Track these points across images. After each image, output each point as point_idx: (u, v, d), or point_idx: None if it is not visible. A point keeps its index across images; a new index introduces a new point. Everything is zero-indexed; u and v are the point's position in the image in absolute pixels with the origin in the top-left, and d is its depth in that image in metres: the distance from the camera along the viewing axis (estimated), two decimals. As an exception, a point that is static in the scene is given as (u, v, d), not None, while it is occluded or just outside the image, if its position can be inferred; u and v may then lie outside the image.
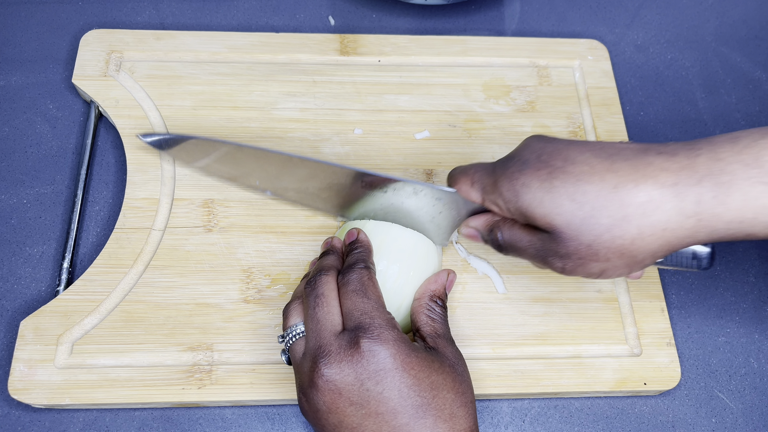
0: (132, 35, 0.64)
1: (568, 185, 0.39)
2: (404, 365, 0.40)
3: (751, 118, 0.68)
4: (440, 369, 0.42)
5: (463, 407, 0.41)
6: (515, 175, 0.41)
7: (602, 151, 0.40)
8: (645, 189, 0.37)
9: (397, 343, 0.41)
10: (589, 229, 0.38)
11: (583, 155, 0.40)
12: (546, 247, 0.41)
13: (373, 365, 0.40)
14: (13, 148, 0.60)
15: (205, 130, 0.60)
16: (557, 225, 0.39)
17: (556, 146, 0.41)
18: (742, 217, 0.37)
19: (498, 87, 0.65)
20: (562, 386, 0.52)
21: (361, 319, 0.42)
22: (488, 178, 0.44)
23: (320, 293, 0.44)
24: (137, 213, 0.56)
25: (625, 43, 0.72)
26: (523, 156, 0.42)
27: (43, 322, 0.51)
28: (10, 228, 0.57)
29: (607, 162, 0.39)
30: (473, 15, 0.72)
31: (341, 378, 0.40)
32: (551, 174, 0.39)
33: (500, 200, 0.43)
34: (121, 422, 0.50)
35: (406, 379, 0.40)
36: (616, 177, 0.38)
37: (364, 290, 0.43)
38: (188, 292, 0.53)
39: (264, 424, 0.51)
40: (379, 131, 0.62)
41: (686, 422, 0.53)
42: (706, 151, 0.38)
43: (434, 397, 0.40)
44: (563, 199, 0.39)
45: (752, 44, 0.73)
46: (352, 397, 0.40)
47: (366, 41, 0.66)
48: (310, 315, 0.43)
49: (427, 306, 0.47)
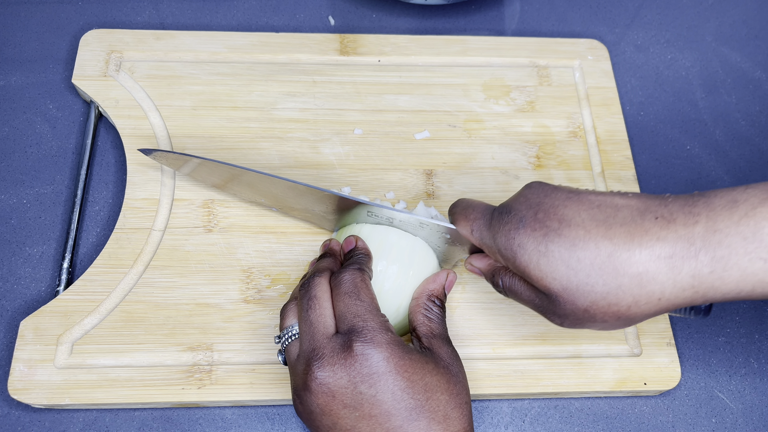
0: (132, 35, 0.64)
1: (564, 250, 0.38)
2: (397, 368, 0.40)
3: (751, 118, 0.68)
4: (434, 370, 0.42)
5: (458, 408, 0.41)
6: (512, 233, 0.40)
7: (599, 211, 0.39)
8: (640, 260, 0.37)
9: (390, 346, 0.41)
10: (584, 295, 0.38)
11: (580, 216, 0.39)
12: (544, 304, 0.41)
13: (366, 368, 0.40)
14: (13, 148, 0.60)
15: (205, 130, 0.60)
16: (553, 289, 0.39)
17: (553, 202, 0.40)
18: (740, 289, 0.36)
19: (498, 87, 0.65)
20: (562, 386, 0.52)
21: (354, 322, 0.42)
22: (486, 230, 0.43)
23: (313, 295, 0.44)
24: (137, 213, 0.56)
25: (625, 43, 0.72)
26: (520, 211, 0.41)
27: (43, 322, 0.51)
28: (10, 228, 0.57)
29: (603, 227, 0.38)
30: (473, 15, 0.72)
31: (334, 381, 0.40)
32: (546, 236, 0.39)
33: (498, 255, 0.43)
34: (121, 422, 0.50)
35: (400, 382, 0.40)
36: (612, 245, 0.37)
37: (357, 292, 0.43)
38: (188, 292, 0.53)
39: (264, 424, 0.51)
40: (379, 131, 0.62)
41: (686, 422, 0.53)
42: (704, 219, 0.36)
43: (428, 399, 0.40)
44: (559, 263, 0.38)
45: (752, 44, 0.73)
46: (345, 400, 0.40)
47: (366, 41, 0.66)
48: (304, 317, 0.43)
49: (425, 305, 0.47)
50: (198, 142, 0.59)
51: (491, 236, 0.42)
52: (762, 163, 0.66)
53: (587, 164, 0.61)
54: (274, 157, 0.59)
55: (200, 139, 0.60)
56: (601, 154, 0.62)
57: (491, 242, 0.43)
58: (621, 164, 0.62)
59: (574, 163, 0.61)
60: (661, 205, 0.38)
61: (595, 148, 0.62)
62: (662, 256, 0.36)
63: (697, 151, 0.66)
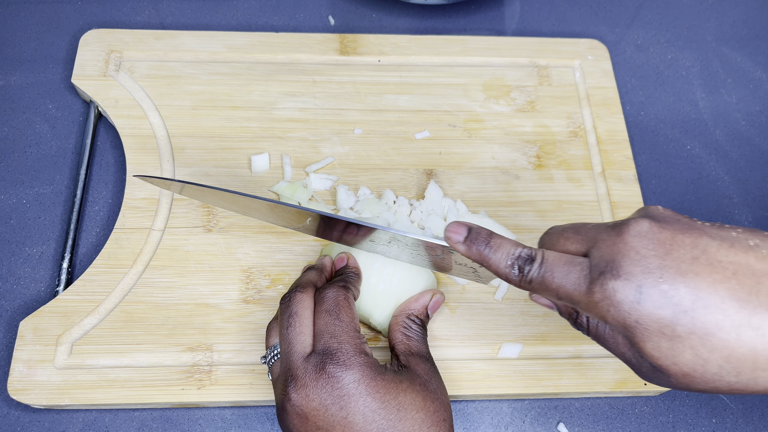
0: (131, 35, 0.64)
1: (695, 338, 0.32)
2: (368, 389, 0.40)
3: (751, 118, 0.68)
4: (409, 389, 0.41)
5: (434, 426, 0.41)
6: (624, 306, 0.33)
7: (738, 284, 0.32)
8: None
9: (362, 368, 0.41)
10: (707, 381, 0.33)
11: (717, 293, 0.32)
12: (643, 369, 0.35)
13: (338, 390, 0.40)
14: (12, 148, 0.60)
15: (205, 130, 0.60)
16: (671, 371, 0.34)
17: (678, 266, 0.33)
18: None
19: (498, 87, 0.65)
20: (563, 386, 0.52)
21: (330, 343, 0.42)
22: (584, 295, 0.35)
23: (293, 312, 0.43)
24: (137, 213, 0.56)
25: (625, 43, 0.72)
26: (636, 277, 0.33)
27: (43, 322, 0.51)
28: (9, 228, 0.57)
29: (747, 310, 0.32)
30: (473, 15, 0.72)
31: (306, 403, 0.40)
32: (675, 319, 0.32)
33: (591, 319, 0.36)
34: (121, 422, 0.50)
35: (371, 403, 0.40)
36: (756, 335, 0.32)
37: (338, 311, 0.43)
38: (188, 293, 0.53)
39: (264, 424, 0.51)
40: (379, 131, 0.62)
41: (686, 422, 0.53)
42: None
43: (400, 419, 0.40)
44: (686, 351, 0.32)
45: (752, 44, 0.73)
46: (318, 422, 0.40)
47: (366, 41, 0.66)
48: (283, 335, 0.43)
49: (404, 324, 0.47)
50: (198, 141, 0.59)
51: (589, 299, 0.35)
52: (762, 163, 0.65)
53: (587, 164, 0.61)
54: (275, 157, 0.59)
55: (200, 139, 0.59)
56: (602, 153, 0.62)
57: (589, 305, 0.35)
58: (621, 164, 0.61)
59: (575, 163, 0.61)
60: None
61: (596, 148, 0.62)
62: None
63: (697, 151, 0.66)
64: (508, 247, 0.39)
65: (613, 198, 0.60)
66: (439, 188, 0.58)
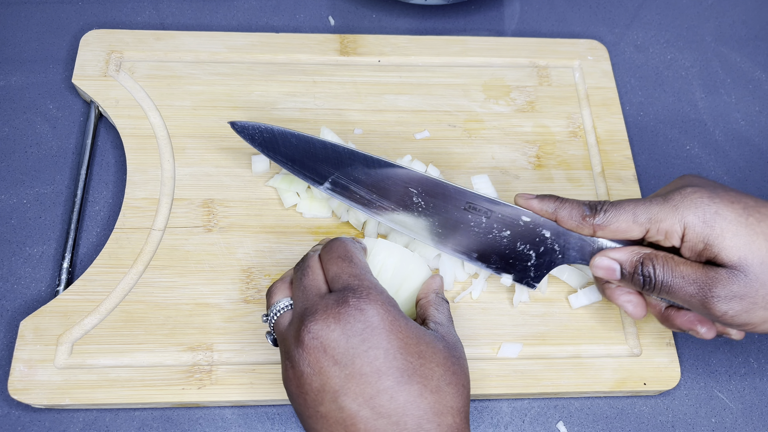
0: (132, 35, 0.64)
1: (764, 225, 0.36)
2: (392, 326, 0.40)
3: (751, 118, 0.68)
4: (431, 343, 0.41)
5: (452, 386, 0.40)
6: (704, 201, 0.39)
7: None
8: None
9: (385, 305, 0.40)
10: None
11: None
12: (714, 285, 0.38)
13: (360, 322, 0.39)
14: (13, 148, 0.60)
15: (205, 130, 0.60)
16: (749, 262, 0.37)
17: (736, 192, 0.40)
18: None
19: (498, 87, 0.65)
20: (562, 386, 0.52)
21: (349, 281, 0.41)
22: (658, 207, 0.41)
23: (308, 265, 0.44)
24: (137, 213, 0.56)
25: (625, 43, 0.72)
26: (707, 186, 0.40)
27: (43, 322, 0.51)
28: (10, 228, 0.57)
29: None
30: (473, 15, 0.72)
31: (327, 333, 0.39)
32: (746, 210, 0.37)
33: (677, 226, 0.40)
34: (121, 422, 0.50)
35: (393, 341, 0.39)
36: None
37: (350, 257, 0.43)
38: (188, 292, 0.53)
39: (264, 424, 0.51)
40: (379, 131, 0.62)
41: (686, 422, 0.53)
42: None
43: (421, 365, 0.40)
44: (760, 237, 0.36)
45: (752, 44, 0.73)
46: (336, 356, 0.39)
47: (366, 41, 0.66)
48: (297, 285, 0.43)
49: (435, 300, 0.47)
50: (198, 142, 0.59)
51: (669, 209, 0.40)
52: (762, 163, 0.66)
53: (587, 164, 0.61)
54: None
55: (200, 139, 0.60)
56: (601, 154, 0.62)
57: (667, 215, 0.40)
58: (621, 164, 0.62)
59: (574, 163, 0.61)
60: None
61: (595, 148, 0.62)
62: None
63: (697, 151, 0.66)
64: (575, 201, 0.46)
65: (613, 198, 0.60)
66: (437, 171, 0.58)
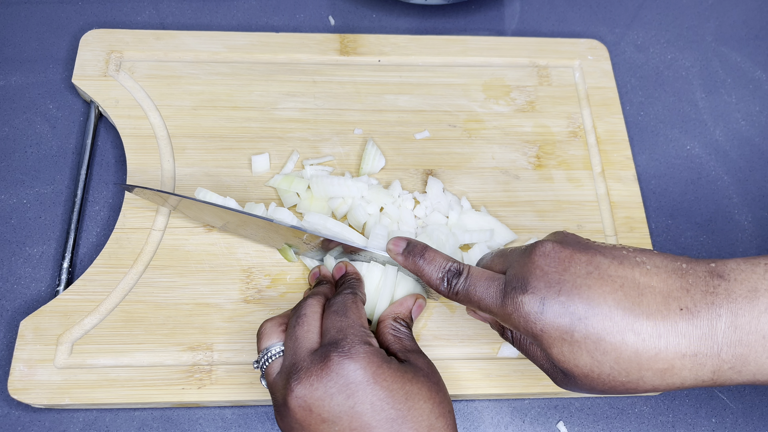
0: (132, 35, 0.64)
1: (590, 343, 0.37)
2: (375, 377, 0.40)
3: (751, 118, 0.68)
4: (414, 379, 0.41)
5: (442, 418, 0.41)
6: (531, 317, 0.38)
7: (624, 295, 0.37)
8: (666, 358, 0.36)
9: (367, 356, 0.40)
10: (604, 381, 0.38)
11: (606, 302, 0.37)
12: (558, 376, 0.40)
13: (343, 378, 0.39)
14: (13, 148, 0.60)
15: (205, 130, 0.60)
16: (575, 373, 0.38)
17: (574, 281, 0.38)
18: (755, 379, 0.37)
19: (498, 87, 0.65)
20: (562, 386, 0.52)
21: (335, 336, 0.42)
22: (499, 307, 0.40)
23: (303, 314, 0.44)
24: (137, 213, 0.56)
25: (625, 43, 0.72)
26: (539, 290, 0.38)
27: (43, 322, 0.51)
28: (10, 228, 0.57)
29: (630, 317, 0.36)
30: (473, 15, 0.72)
31: (310, 393, 0.39)
32: (572, 326, 0.37)
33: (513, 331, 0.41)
34: (121, 422, 0.50)
35: (378, 392, 0.39)
36: (638, 340, 0.36)
37: (345, 311, 0.44)
38: (188, 292, 0.53)
39: (264, 424, 0.51)
40: (379, 131, 0.62)
41: (686, 422, 0.53)
42: (725, 312, 0.36)
43: (410, 408, 0.40)
44: (584, 354, 0.37)
45: (752, 44, 0.73)
46: (322, 414, 0.39)
47: (366, 41, 0.66)
48: (290, 334, 0.43)
49: (392, 326, 0.47)
50: (198, 142, 0.59)
51: (504, 315, 0.40)
52: (762, 163, 0.66)
53: (587, 164, 0.61)
54: (275, 157, 0.59)
55: (200, 139, 0.60)
56: (601, 153, 0.62)
57: (504, 319, 0.40)
58: (621, 164, 0.62)
59: (574, 163, 0.61)
60: (683, 290, 0.37)
61: (595, 148, 0.62)
62: (687, 355, 0.36)
63: (697, 151, 0.66)
64: (440, 261, 0.44)
65: (613, 198, 0.60)
66: (440, 182, 0.58)
